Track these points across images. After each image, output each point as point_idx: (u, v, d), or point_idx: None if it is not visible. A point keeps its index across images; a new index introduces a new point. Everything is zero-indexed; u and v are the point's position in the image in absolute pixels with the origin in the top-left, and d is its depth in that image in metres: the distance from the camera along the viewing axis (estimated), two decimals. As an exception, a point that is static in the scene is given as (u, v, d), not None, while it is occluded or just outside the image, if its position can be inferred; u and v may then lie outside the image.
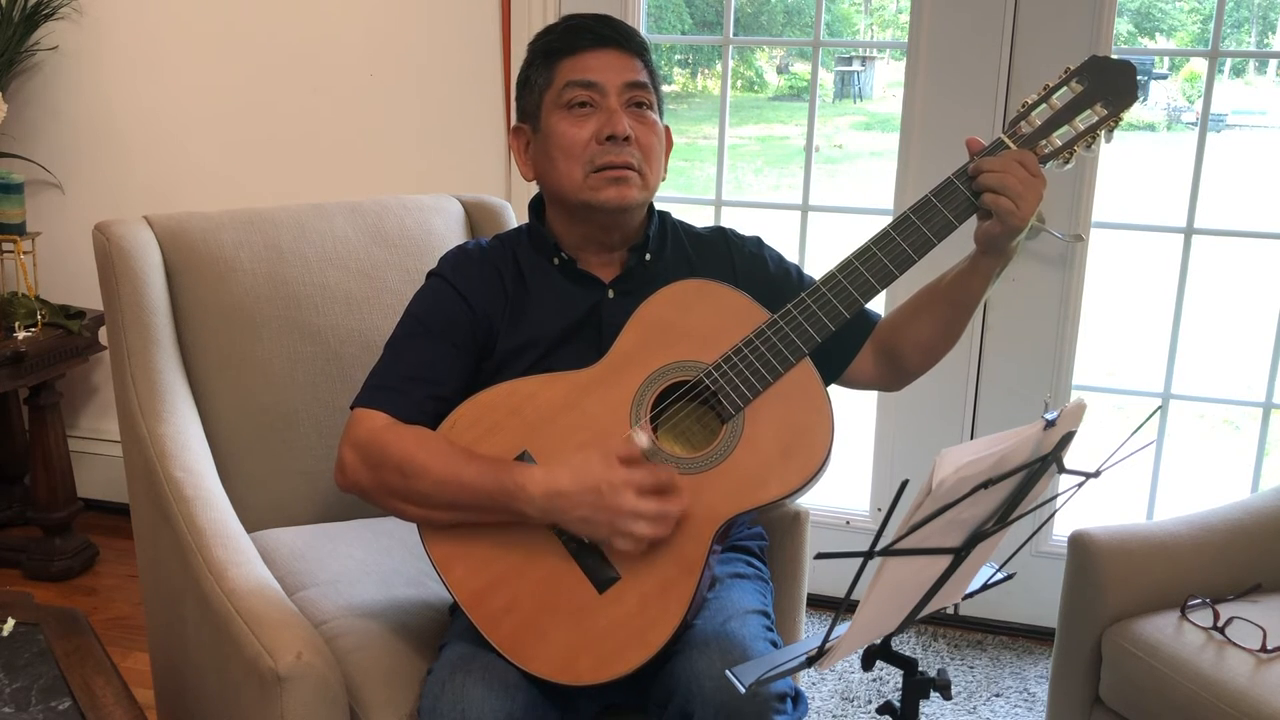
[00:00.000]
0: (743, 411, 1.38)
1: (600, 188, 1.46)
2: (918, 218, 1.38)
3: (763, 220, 1.63)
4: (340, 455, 1.44)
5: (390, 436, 1.41)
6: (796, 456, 1.36)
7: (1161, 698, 1.65)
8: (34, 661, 1.46)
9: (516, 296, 1.51)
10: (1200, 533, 1.84)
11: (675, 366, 1.41)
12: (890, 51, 11.63)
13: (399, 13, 2.75)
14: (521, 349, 1.49)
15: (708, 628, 1.37)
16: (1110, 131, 1.39)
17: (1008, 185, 1.32)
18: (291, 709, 1.35)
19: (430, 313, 1.51)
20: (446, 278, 1.52)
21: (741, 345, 1.39)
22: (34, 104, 3.01)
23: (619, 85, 1.46)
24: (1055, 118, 1.38)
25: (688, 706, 1.32)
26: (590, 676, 1.34)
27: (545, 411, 1.42)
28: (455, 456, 1.38)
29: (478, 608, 1.38)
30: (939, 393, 2.61)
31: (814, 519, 1.75)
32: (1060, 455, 1.14)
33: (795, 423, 1.38)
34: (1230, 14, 6.65)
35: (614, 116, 1.44)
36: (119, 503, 3.11)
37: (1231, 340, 5.61)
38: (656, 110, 1.51)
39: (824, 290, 1.39)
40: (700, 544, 1.35)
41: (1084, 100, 1.38)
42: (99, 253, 1.77)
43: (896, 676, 2.42)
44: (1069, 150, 1.39)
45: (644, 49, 1.50)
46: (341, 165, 2.86)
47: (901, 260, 1.38)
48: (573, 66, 1.46)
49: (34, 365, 2.68)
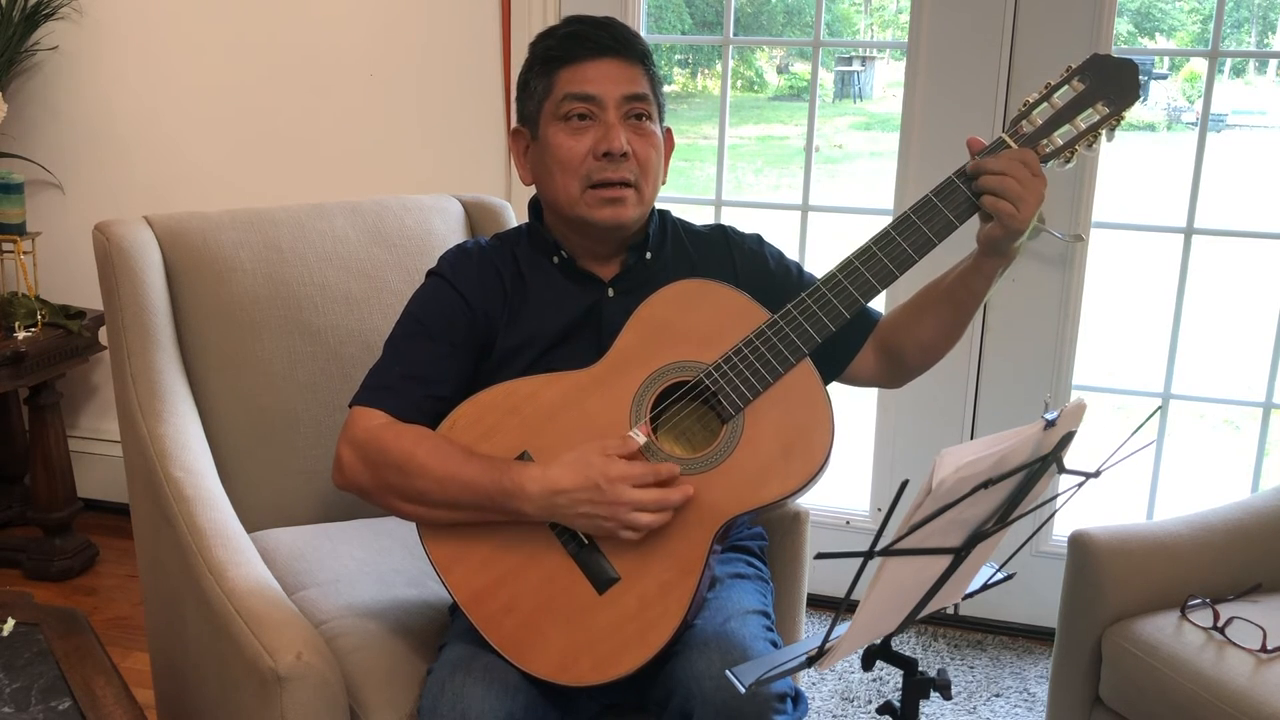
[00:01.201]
0: (743, 412, 1.38)
1: (595, 206, 1.46)
2: (918, 218, 1.37)
3: (763, 220, 1.63)
4: (338, 454, 1.44)
5: (389, 435, 1.41)
6: (797, 457, 1.36)
7: (1161, 698, 1.65)
8: (34, 661, 1.46)
9: (515, 295, 1.51)
10: (1200, 533, 1.84)
11: (675, 367, 1.41)
12: (890, 51, 11.63)
13: (399, 13, 2.75)
14: (520, 347, 1.48)
15: (708, 628, 1.37)
16: (1112, 130, 1.38)
17: (1007, 189, 1.31)
18: (291, 709, 1.35)
19: (429, 312, 1.50)
20: (445, 277, 1.52)
21: (741, 345, 1.39)
22: (34, 104, 3.01)
23: (618, 98, 1.44)
24: (1056, 116, 1.38)
25: (687, 706, 1.32)
26: (590, 677, 1.34)
27: (545, 411, 1.41)
28: (454, 455, 1.38)
29: (477, 608, 1.38)
30: (939, 393, 2.61)
31: (814, 519, 1.75)
32: (1060, 455, 1.14)
33: (795, 423, 1.37)
34: (1230, 14, 6.65)
35: (611, 132, 1.44)
36: (119, 503, 3.11)
37: (1231, 340, 5.61)
38: (657, 118, 1.50)
39: (824, 290, 1.39)
40: (700, 545, 1.35)
41: (1085, 99, 1.37)
42: (99, 253, 1.77)
43: (896, 676, 2.42)
44: (1070, 149, 1.38)
45: (646, 55, 1.49)
46: (341, 165, 2.86)
47: (902, 260, 1.38)
48: (571, 77, 1.45)
49: (34, 365, 2.68)
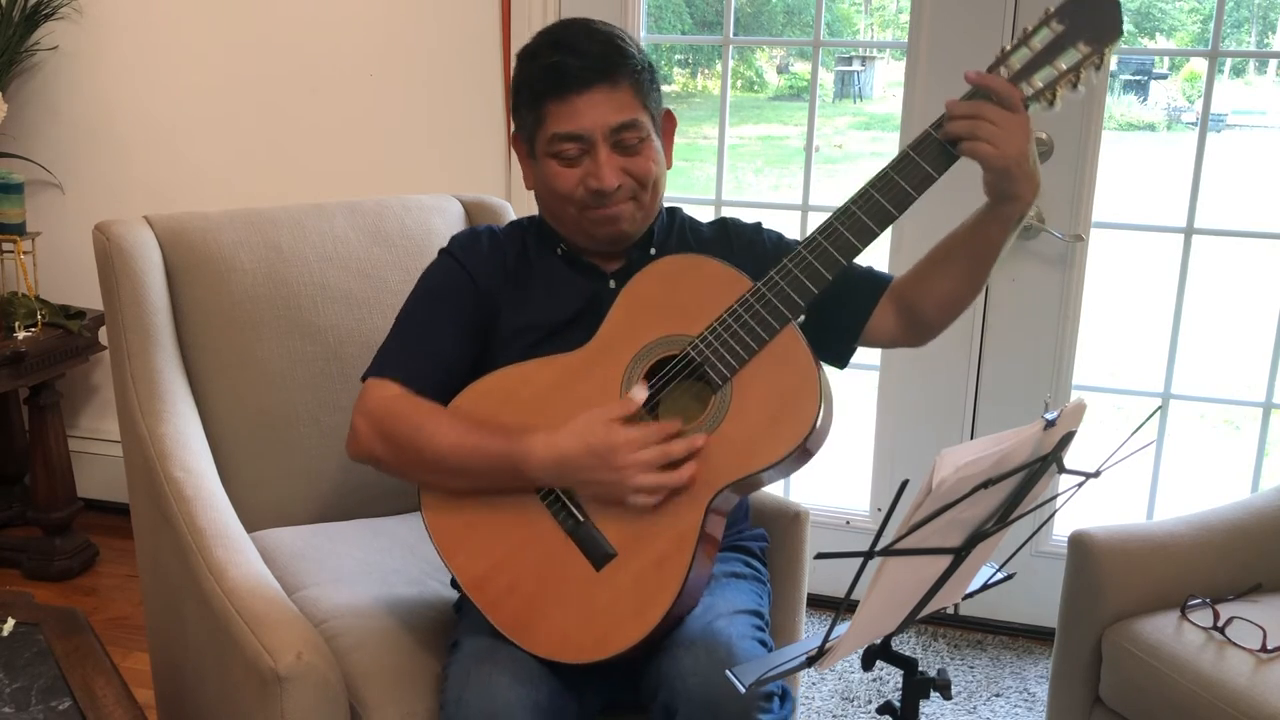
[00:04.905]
0: (730, 381, 1.38)
1: (593, 227, 1.48)
2: (896, 173, 1.36)
3: (762, 220, 1.63)
4: (354, 425, 1.47)
5: (402, 405, 1.44)
6: (785, 422, 1.36)
7: (1161, 698, 1.65)
8: (34, 661, 1.46)
9: (521, 279, 1.53)
10: (1200, 533, 1.84)
11: (662, 341, 1.42)
12: (890, 51, 11.62)
13: (399, 13, 2.75)
14: (522, 330, 1.50)
15: (695, 626, 1.37)
16: (1096, 69, 1.34)
17: (978, 130, 1.30)
18: (291, 709, 1.35)
19: (439, 287, 1.54)
20: (455, 256, 1.55)
21: (725, 315, 1.39)
22: (34, 104, 3.01)
23: (606, 130, 1.43)
24: (1035, 60, 1.34)
25: (672, 703, 1.33)
26: (592, 653, 1.35)
27: (539, 395, 1.44)
28: (464, 424, 1.41)
29: (480, 591, 1.40)
30: (939, 393, 2.61)
31: (814, 519, 1.75)
32: (1060, 455, 1.14)
33: (783, 388, 1.37)
34: (1230, 14, 6.65)
35: (601, 170, 1.43)
36: (119, 503, 3.11)
37: (1231, 340, 5.60)
38: (652, 132, 1.47)
39: (804, 253, 1.39)
40: (693, 515, 1.35)
41: (1065, 40, 1.33)
42: (99, 253, 1.77)
43: (896, 676, 2.42)
44: (1052, 91, 1.34)
45: (635, 70, 1.44)
46: (341, 165, 2.86)
47: (881, 216, 1.36)
48: (558, 115, 1.43)
49: (34, 365, 2.68)
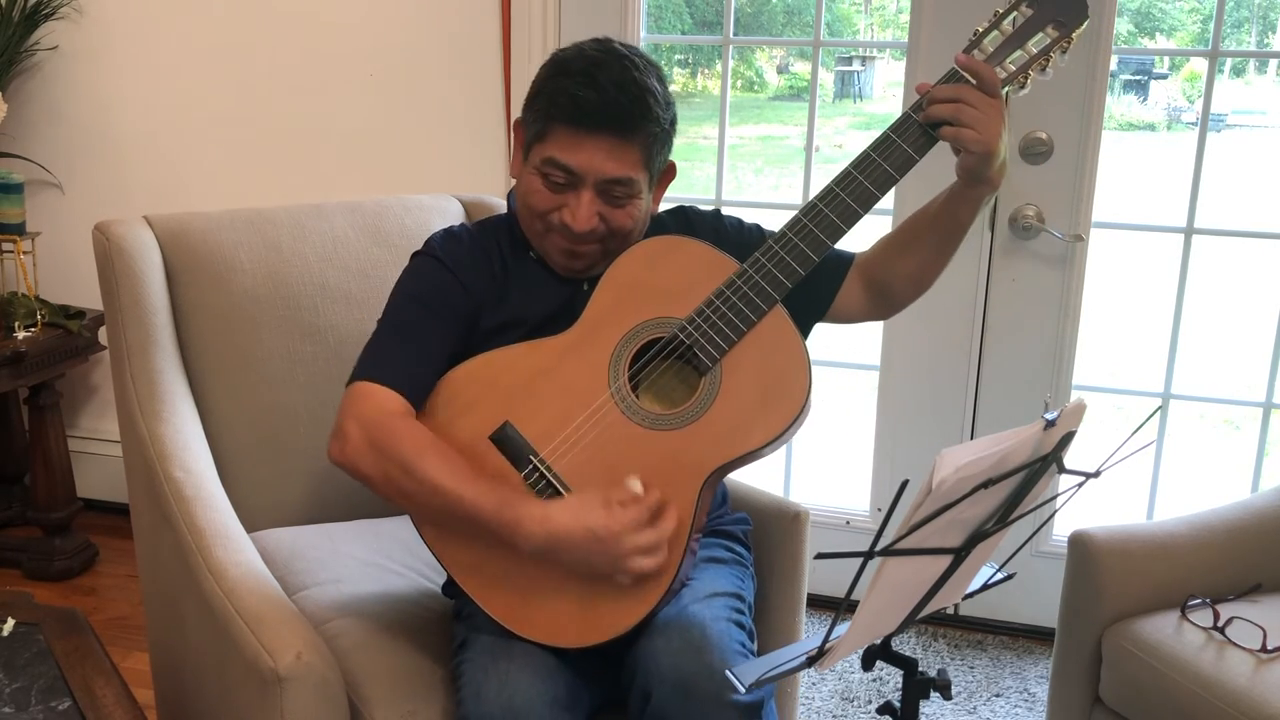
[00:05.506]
0: (719, 363, 1.38)
1: (554, 250, 1.48)
2: (878, 155, 1.39)
3: (762, 220, 1.62)
4: (342, 428, 1.40)
5: (403, 427, 1.38)
6: (776, 403, 1.37)
7: (1161, 698, 1.65)
8: (34, 661, 1.46)
9: (501, 278, 1.52)
10: (1200, 533, 1.84)
11: (650, 324, 1.42)
12: (890, 51, 11.60)
13: (399, 13, 2.75)
14: (503, 327, 1.49)
15: (669, 611, 1.38)
16: (1064, 53, 1.38)
17: (960, 114, 1.33)
18: (291, 709, 1.34)
19: (429, 290, 1.50)
20: (438, 256, 1.52)
21: (713, 297, 1.39)
22: (34, 104, 3.01)
23: (599, 178, 1.41)
24: (1007, 43, 1.38)
25: (647, 686, 1.33)
26: (591, 637, 1.36)
27: (524, 380, 1.42)
28: (462, 470, 1.36)
29: (472, 581, 1.40)
30: (939, 393, 2.61)
31: (814, 519, 1.75)
32: (1060, 455, 1.14)
33: (772, 369, 1.38)
34: (1230, 14, 6.65)
35: (578, 211, 1.42)
36: (119, 503, 3.11)
37: (1231, 340, 5.60)
38: (644, 190, 1.46)
39: (791, 235, 1.40)
40: (687, 499, 1.36)
41: (1035, 23, 1.37)
42: (99, 253, 1.77)
43: (896, 676, 2.42)
44: (1024, 74, 1.38)
45: (652, 133, 1.42)
46: (341, 165, 2.86)
47: (864, 198, 1.39)
48: (561, 141, 1.41)
49: (34, 365, 2.68)
